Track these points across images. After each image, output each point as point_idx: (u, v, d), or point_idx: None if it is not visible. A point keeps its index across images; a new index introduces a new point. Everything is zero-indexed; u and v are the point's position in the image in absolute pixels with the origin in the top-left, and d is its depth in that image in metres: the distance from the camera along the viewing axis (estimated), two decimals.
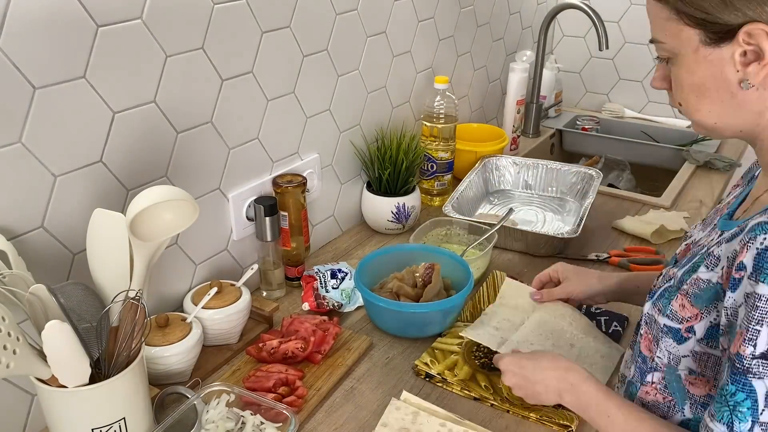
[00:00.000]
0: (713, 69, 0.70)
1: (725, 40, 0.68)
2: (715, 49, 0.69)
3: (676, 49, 0.72)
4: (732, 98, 0.70)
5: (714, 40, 0.68)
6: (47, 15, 0.80)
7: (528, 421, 0.94)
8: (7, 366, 0.70)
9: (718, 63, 0.69)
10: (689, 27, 0.69)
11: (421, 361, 1.04)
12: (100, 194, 0.93)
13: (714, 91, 0.71)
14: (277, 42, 1.15)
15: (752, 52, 0.67)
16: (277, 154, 1.24)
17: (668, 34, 0.72)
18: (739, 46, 0.67)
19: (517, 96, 1.86)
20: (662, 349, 0.78)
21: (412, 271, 1.16)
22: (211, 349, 1.06)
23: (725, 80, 0.69)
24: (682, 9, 0.69)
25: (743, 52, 0.67)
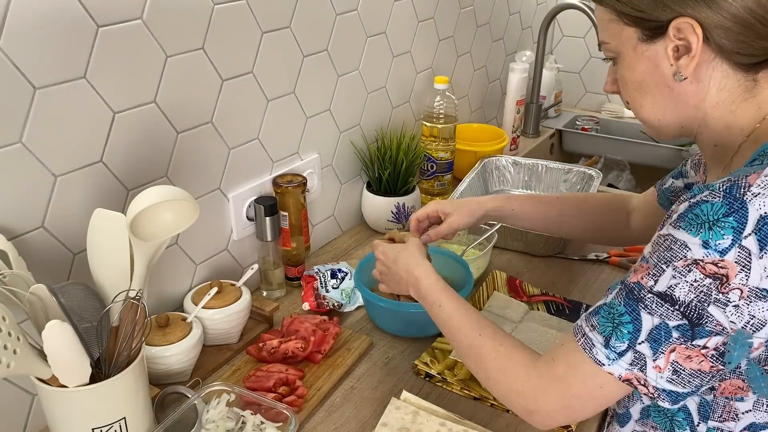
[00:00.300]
0: (650, 64, 0.75)
1: (659, 36, 0.72)
2: (651, 45, 0.74)
3: (618, 48, 0.77)
4: (670, 92, 0.75)
5: (649, 37, 0.73)
6: (47, 15, 0.80)
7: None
8: (7, 366, 0.70)
9: (654, 58, 0.74)
10: (628, 26, 0.75)
11: (421, 361, 1.04)
12: (100, 194, 0.93)
13: (654, 86, 0.76)
14: (277, 42, 1.15)
15: (682, 47, 0.71)
16: (277, 154, 1.24)
17: (611, 35, 0.77)
18: (670, 41, 0.71)
19: (517, 96, 1.86)
20: None
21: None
22: (212, 348, 1.06)
23: (662, 74, 0.74)
24: (621, 9, 0.74)
25: (675, 47, 0.72)
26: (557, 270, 1.33)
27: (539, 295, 1.24)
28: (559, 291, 1.25)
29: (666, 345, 0.67)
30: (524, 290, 1.25)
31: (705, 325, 0.65)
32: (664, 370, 0.68)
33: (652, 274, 0.68)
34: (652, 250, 0.69)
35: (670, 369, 0.67)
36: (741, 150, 0.74)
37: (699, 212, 0.65)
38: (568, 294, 1.25)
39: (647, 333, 0.68)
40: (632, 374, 0.69)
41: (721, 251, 0.63)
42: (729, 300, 0.64)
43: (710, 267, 0.64)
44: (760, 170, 0.64)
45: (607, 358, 0.70)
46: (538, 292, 1.24)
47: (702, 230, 0.64)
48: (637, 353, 0.68)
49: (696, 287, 0.64)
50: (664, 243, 0.67)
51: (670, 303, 0.66)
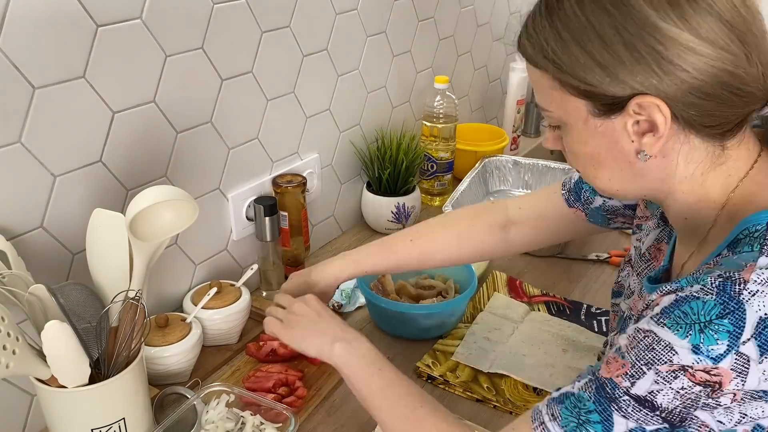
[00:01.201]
0: (606, 140, 0.64)
1: (615, 112, 0.62)
2: (606, 120, 0.63)
3: (563, 119, 0.67)
4: (631, 167, 0.65)
5: (603, 112, 0.63)
6: (47, 15, 0.80)
7: None
8: (6, 366, 0.70)
9: (610, 134, 0.64)
10: (575, 97, 0.63)
11: (423, 363, 1.04)
12: (99, 194, 0.93)
13: (611, 161, 0.66)
14: (277, 42, 1.15)
15: (645, 123, 0.61)
16: (277, 154, 1.24)
17: (554, 104, 0.66)
18: (630, 116, 0.61)
19: (518, 96, 1.86)
20: None
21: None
22: (211, 349, 1.06)
23: (621, 150, 0.64)
24: (564, 80, 0.63)
25: (635, 122, 0.62)
26: (558, 270, 1.33)
27: (539, 295, 1.23)
28: (559, 291, 1.25)
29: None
30: (524, 291, 1.25)
31: (688, 427, 0.59)
32: None
33: (629, 374, 0.60)
34: (629, 344, 0.60)
35: None
36: (718, 222, 0.66)
37: (687, 310, 0.57)
38: (568, 294, 1.24)
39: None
40: None
41: (715, 358, 0.55)
42: (719, 404, 0.57)
43: (701, 375, 0.56)
44: (752, 262, 0.56)
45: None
46: (539, 292, 1.24)
47: (691, 332, 0.56)
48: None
49: (682, 395, 0.57)
50: (644, 341, 0.59)
51: (649, 408, 0.59)
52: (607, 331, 1.12)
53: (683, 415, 0.59)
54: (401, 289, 1.18)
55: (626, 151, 0.64)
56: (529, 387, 1.00)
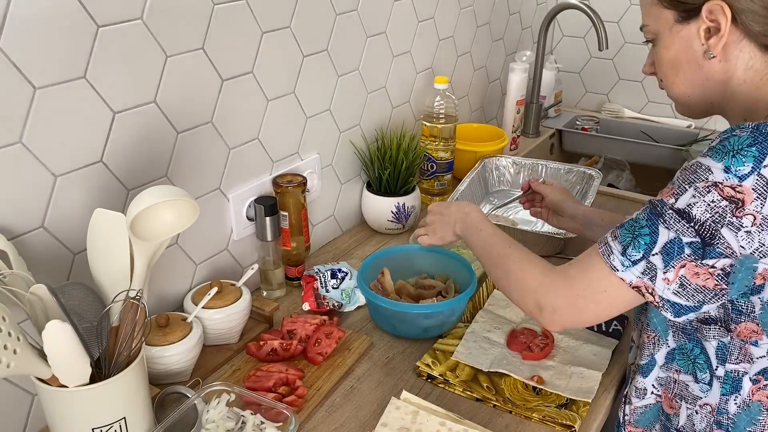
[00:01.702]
0: (684, 44, 0.81)
1: (693, 17, 0.79)
2: (685, 26, 0.80)
3: (656, 30, 0.84)
4: (700, 69, 0.81)
5: (684, 18, 0.80)
6: (47, 15, 0.80)
7: (530, 421, 0.94)
8: (7, 366, 0.70)
9: (687, 38, 0.81)
10: (666, 8, 0.81)
11: (423, 362, 1.04)
12: (100, 194, 0.93)
13: (686, 63, 0.82)
14: (277, 42, 1.15)
15: (713, 27, 0.78)
16: (277, 154, 1.24)
17: (652, 17, 0.84)
18: (702, 22, 0.78)
19: (517, 96, 1.86)
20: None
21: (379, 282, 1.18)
22: (212, 348, 1.06)
23: (693, 53, 0.81)
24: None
25: (707, 28, 0.78)
26: None
27: None
28: None
29: (677, 260, 0.73)
30: None
31: (716, 246, 0.71)
32: (672, 283, 0.73)
33: (674, 192, 0.73)
34: (680, 174, 0.74)
35: (677, 282, 0.73)
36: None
37: (726, 143, 0.71)
38: None
39: (662, 246, 0.73)
40: (642, 282, 0.75)
41: (741, 177, 0.69)
42: (742, 224, 0.69)
43: (728, 190, 0.69)
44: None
45: (622, 264, 0.76)
46: None
47: (726, 157, 0.70)
48: (650, 263, 0.74)
49: (712, 207, 0.70)
50: (691, 168, 0.73)
51: (686, 220, 0.72)
52: (605, 331, 1.13)
53: (713, 230, 0.70)
54: (401, 289, 1.18)
55: (697, 53, 0.80)
56: (529, 386, 1.00)
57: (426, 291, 1.18)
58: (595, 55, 2.24)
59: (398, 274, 1.20)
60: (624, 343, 1.11)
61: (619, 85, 2.23)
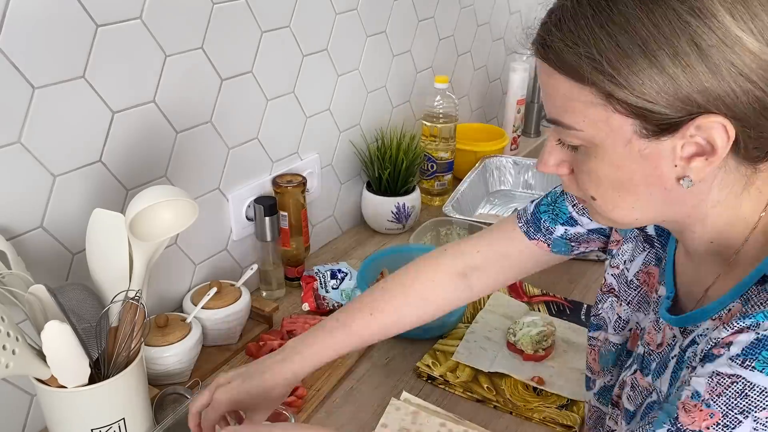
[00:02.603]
0: (646, 164, 0.57)
1: (668, 132, 0.54)
2: (653, 143, 0.55)
3: (597, 140, 0.57)
4: (665, 194, 0.59)
5: (654, 132, 0.55)
6: (47, 15, 0.80)
7: (530, 422, 0.94)
8: (6, 366, 0.70)
9: (654, 158, 0.56)
10: (622, 116, 0.54)
11: (423, 363, 1.03)
12: (99, 194, 0.93)
13: (643, 187, 0.58)
14: (277, 42, 1.15)
15: (696, 145, 0.54)
16: (277, 154, 1.24)
17: (587, 121, 0.56)
18: (683, 139, 0.54)
19: (518, 96, 1.86)
20: None
21: None
22: (211, 349, 1.06)
23: (660, 176, 0.57)
24: (617, 95, 0.53)
25: (682, 146, 0.55)
26: (558, 270, 1.32)
27: (540, 295, 1.23)
28: (559, 291, 1.25)
29: None
30: (524, 291, 1.25)
31: None
32: None
33: (723, 425, 0.54)
34: (712, 391, 0.54)
35: None
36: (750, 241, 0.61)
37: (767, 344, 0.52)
38: (569, 294, 1.24)
39: None
40: None
41: None
42: None
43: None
44: None
45: None
46: (539, 292, 1.24)
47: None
48: None
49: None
50: (733, 387, 0.53)
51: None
52: None
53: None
54: None
55: (665, 177, 0.57)
56: (529, 387, 1.00)
57: None
58: None
59: None
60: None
61: None
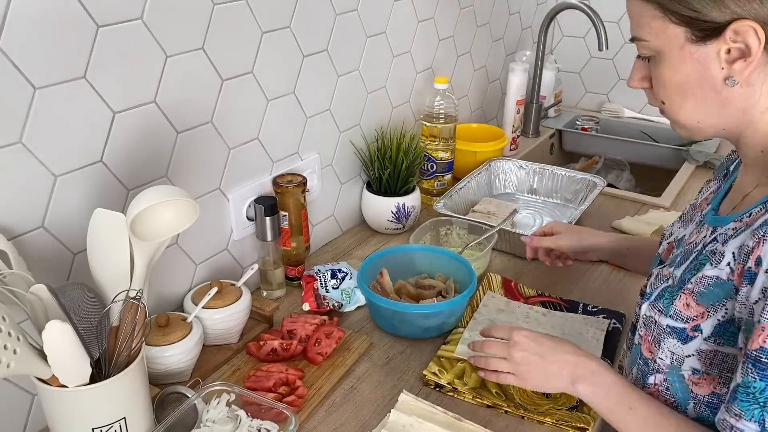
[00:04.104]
0: (698, 66, 0.69)
1: (712, 38, 0.67)
2: (701, 47, 0.68)
3: (660, 47, 0.71)
4: (717, 96, 0.70)
5: (700, 38, 0.68)
6: (47, 15, 0.80)
7: (543, 425, 0.93)
8: (7, 366, 0.70)
9: (703, 60, 0.69)
10: (675, 25, 0.68)
11: (429, 371, 1.02)
12: (100, 194, 0.93)
13: (698, 89, 0.70)
14: (277, 42, 1.15)
15: (738, 50, 0.67)
16: (277, 154, 1.24)
17: (653, 32, 0.71)
18: (725, 43, 0.67)
19: (517, 96, 1.86)
20: (665, 350, 0.77)
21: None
22: (212, 348, 1.06)
23: (710, 78, 0.69)
24: (670, 7, 0.68)
25: (728, 50, 0.67)
26: (556, 270, 1.33)
27: (535, 296, 1.23)
28: (558, 291, 1.25)
29: None
30: (520, 292, 1.25)
31: None
32: None
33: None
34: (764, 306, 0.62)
35: None
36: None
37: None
38: (568, 294, 1.24)
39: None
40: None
41: None
42: None
43: None
44: None
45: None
46: (534, 293, 1.24)
47: None
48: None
49: None
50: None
51: None
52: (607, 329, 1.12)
53: None
54: (401, 289, 1.18)
55: (715, 79, 0.68)
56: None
57: (426, 291, 1.18)
58: (595, 55, 2.24)
59: (398, 274, 1.20)
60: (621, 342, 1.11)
61: (619, 85, 2.23)
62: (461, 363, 1.04)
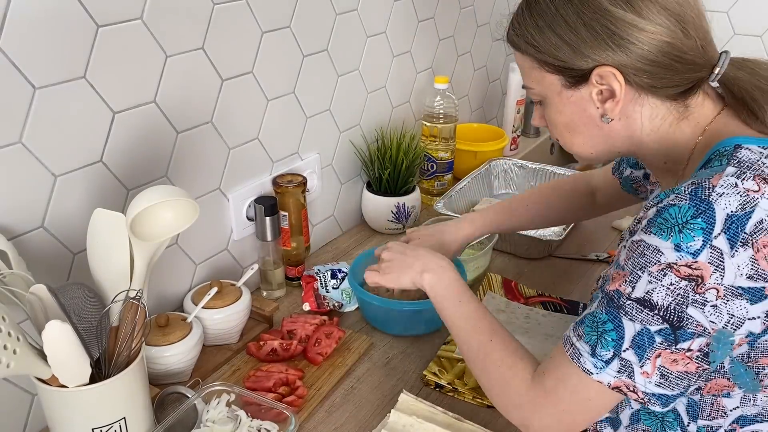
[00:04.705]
0: (577, 108, 0.78)
1: (581, 83, 0.76)
2: (576, 91, 0.77)
3: (543, 93, 0.80)
4: (600, 130, 0.79)
5: (573, 83, 0.76)
6: (47, 15, 0.80)
7: None
8: (7, 366, 0.70)
9: (579, 103, 0.77)
10: (550, 73, 0.77)
11: (429, 371, 1.02)
12: (100, 194, 0.93)
13: (582, 126, 0.79)
14: (277, 42, 1.15)
15: (606, 90, 0.75)
16: (277, 154, 1.24)
17: (534, 81, 0.80)
18: (594, 86, 0.75)
19: (517, 96, 1.86)
20: None
21: None
22: (211, 348, 1.06)
23: (590, 116, 0.78)
24: (541, 58, 0.77)
25: (599, 91, 0.75)
26: (557, 270, 1.33)
27: (536, 296, 1.23)
28: (558, 291, 1.25)
29: (651, 351, 0.68)
30: (520, 292, 1.25)
31: (686, 328, 0.66)
32: (651, 375, 0.68)
33: (629, 281, 0.69)
34: (627, 256, 0.70)
35: (657, 373, 0.68)
36: (692, 160, 0.77)
37: (667, 216, 0.67)
38: (568, 294, 1.24)
39: (630, 340, 0.69)
40: (621, 381, 0.70)
41: (693, 253, 0.64)
42: (706, 300, 0.65)
43: (684, 269, 0.65)
44: (720, 171, 0.66)
45: (595, 366, 0.71)
46: (534, 293, 1.24)
47: (672, 234, 0.66)
48: (624, 360, 0.69)
49: (673, 290, 0.65)
50: (638, 249, 0.69)
51: (649, 308, 0.67)
52: None
53: (678, 313, 0.66)
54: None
55: (594, 117, 0.78)
56: None
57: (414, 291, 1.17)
58: None
59: None
60: None
61: None
62: (461, 363, 1.04)
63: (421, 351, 1.08)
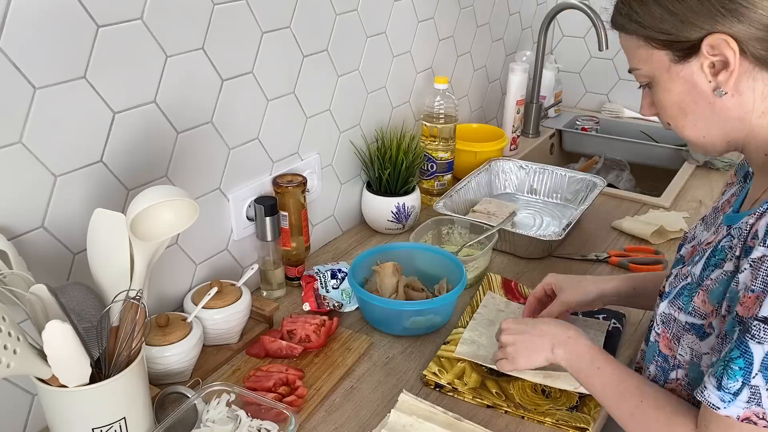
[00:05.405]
0: (687, 84, 0.74)
1: (691, 55, 0.72)
2: (685, 65, 0.73)
3: (651, 73, 0.77)
4: (712, 108, 0.74)
5: (682, 57, 0.73)
6: (47, 15, 0.80)
7: (543, 425, 0.93)
8: (7, 366, 0.70)
9: (690, 78, 0.74)
10: (657, 49, 0.74)
11: (429, 371, 1.02)
12: (100, 194, 0.93)
13: (693, 104, 0.75)
14: (277, 42, 1.15)
15: (719, 62, 0.71)
16: (277, 154, 1.24)
17: (641, 61, 0.77)
18: (705, 58, 0.71)
19: (517, 96, 1.86)
20: (684, 347, 0.79)
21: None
22: (212, 348, 1.06)
23: (701, 92, 0.74)
24: (647, 35, 0.74)
25: (711, 63, 0.71)
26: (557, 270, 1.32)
27: None
28: None
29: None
30: (520, 292, 1.25)
31: None
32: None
33: (760, 303, 0.64)
34: (752, 277, 0.66)
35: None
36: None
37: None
38: None
39: (759, 363, 0.65)
40: (750, 412, 0.66)
41: None
42: None
43: None
44: None
45: (722, 400, 0.67)
46: None
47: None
48: (753, 388, 0.65)
49: None
50: (763, 266, 0.65)
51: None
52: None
53: None
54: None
55: (705, 92, 0.73)
56: (538, 389, 0.99)
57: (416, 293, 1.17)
58: (595, 55, 2.24)
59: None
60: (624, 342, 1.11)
61: (619, 85, 2.23)
62: (461, 363, 1.04)
63: (421, 351, 1.08)
